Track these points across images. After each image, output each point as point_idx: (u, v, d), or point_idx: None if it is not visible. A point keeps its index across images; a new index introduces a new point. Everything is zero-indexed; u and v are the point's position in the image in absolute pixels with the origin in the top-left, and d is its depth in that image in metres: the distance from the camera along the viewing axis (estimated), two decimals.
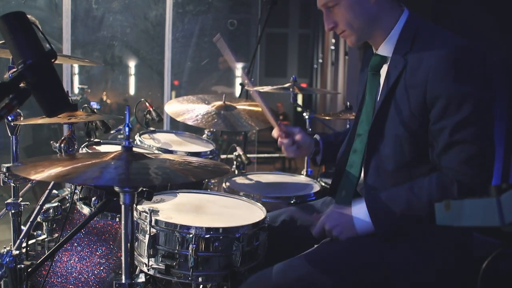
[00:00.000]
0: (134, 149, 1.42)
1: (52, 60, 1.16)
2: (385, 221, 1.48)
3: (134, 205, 1.68)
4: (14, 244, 1.79)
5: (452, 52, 1.39)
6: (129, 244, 1.33)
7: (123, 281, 1.33)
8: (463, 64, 1.39)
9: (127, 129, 1.37)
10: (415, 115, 1.46)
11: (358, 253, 1.51)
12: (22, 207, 1.90)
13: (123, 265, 1.34)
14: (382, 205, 1.48)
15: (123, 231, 1.33)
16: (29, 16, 1.16)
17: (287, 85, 2.87)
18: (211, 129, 2.65)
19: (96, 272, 1.90)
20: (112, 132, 2.34)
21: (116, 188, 1.30)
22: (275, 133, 1.92)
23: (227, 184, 2.31)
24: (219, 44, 1.86)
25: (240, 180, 2.45)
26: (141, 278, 1.37)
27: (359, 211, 1.52)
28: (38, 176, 1.19)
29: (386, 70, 1.56)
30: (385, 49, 1.58)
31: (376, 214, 1.49)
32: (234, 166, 2.63)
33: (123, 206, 1.31)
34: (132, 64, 5.38)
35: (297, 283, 1.43)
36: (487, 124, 1.41)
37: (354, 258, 1.50)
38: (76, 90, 4.39)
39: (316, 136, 1.99)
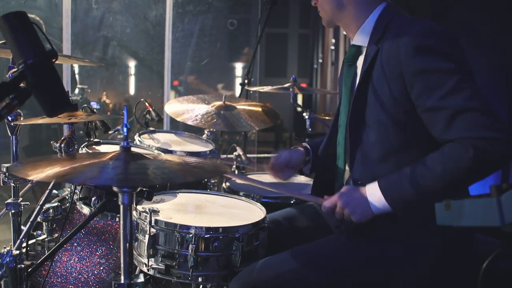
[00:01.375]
0: (134, 149, 1.42)
1: (53, 60, 1.16)
2: (399, 198, 1.41)
3: (134, 205, 1.68)
4: (14, 244, 1.79)
5: (421, 33, 1.40)
6: (128, 244, 1.33)
7: (122, 281, 1.33)
8: (431, 44, 1.39)
9: (125, 129, 1.37)
10: (396, 99, 1.44)
11: (340, 250, 1.52)
12: (22, 207, 1.90)
13: (122, 265, 1.33)
14: (395, 182, 1.42)
15: (122, 231, 1.32)
16: (33, 16, 1.17)
17: (287, 85, 2.88)
18: (211, 129, 2.65)
19: (96, 272, 1.90)
20: (110, 132, 2.34)
21: (115, 188, 1.30)
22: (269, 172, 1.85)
23: (227, 184, 2.31)
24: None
25: (240, 180, 2.45)
26: (140, 278, 1.37)
27: (372, 190, 1.46)
28: (36, 176, 1.19)
29: (361, 61, 1.56)
30: (359, 39, 1.58)
31: (390, 191, 1.42)
32: (234, 166, 2.63)
33: (121, 206, 1.31)
34: (132, 64, 5.38)
35: (282, 277, 1.46)
36: (476, 88, 1.35)
37: (336, 255, 1.51)
38: (76, 90, 4.38)
39: (306, 145, 1.89)
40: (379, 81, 1.47)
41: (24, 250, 1.85)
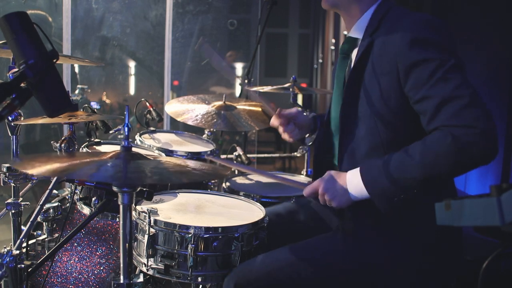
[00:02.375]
0: (134, 149, 1.42)
1: (54, 60, 1.16)
2: (378, 183, 1.39)
3: (133, 205, 1.69)
4: (14, 244, 1.79)
5: (416, 26, 1.41)
6: (127, 244, 1.33)
7: (121, 281, 1.34)
8: (425, 36, 1.39)
9: (126, 129, 1.37)
10: (387, 92, 1.44)
11: (336, 248, 1.53)
12: (22, 207, 1.90)
13: (121, 265, 1.34)
14: (375, 168, 1.41)
15: (121, 231, 1.33)
16: (43, 14, 1.17)
17: (287, 85, 2.88)
18: (211, 129, 2.65)
19: (96, 272, 1.90)
20: (111, 132, 2.34)
21: (115, 188, 1.31)
22: (274, 121, 1.84)
23: (227, 184, 2.32)
24: (205, 49, 1.67)
25: (240, 180, 2.45)
26: (140, 278, 1.37)
27: (353, 176, 1.45)
28: (35, 171, 1.19)
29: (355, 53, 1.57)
30: (356, 31, 1.58)
31: (369, 177, 1.41)
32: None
33: (121, 206, 1.31)
34: (132, 64, 5.38)
35: (277, 273, 1.47)
36: (465, 80, 1.34)
37: (332, 253, 1.52)
38: (76, 90, 4.39)
39: (315, 115, 1.92)
40: (370, 74, 1.48)
41: (24, 250, 1.85)
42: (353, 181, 1.45)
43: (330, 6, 1.62)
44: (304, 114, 1.88)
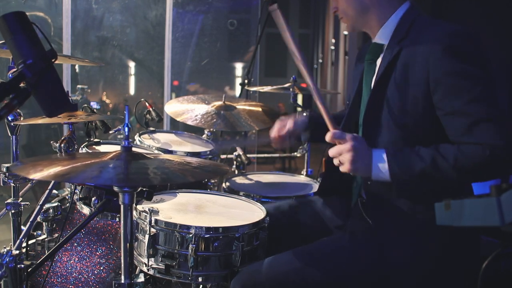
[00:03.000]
0: (134, 149, 1.42)
1: (53, 60, 1.16)
2: (401, 167, 1.40)
3: (134, 205, 1.68)
4: (14, 244, 1.79)
5: (449, 34, 1.40)
6: (128, 244, 1.33)
7: (123, 281, 1.34)
8: (459, 46, 1.39)
9: (126, 129, 1.37)
10: (417, 103, 1.44)
11: (343, 250, 1.53)
12: (22, 207, 1.90)
13: (122, 265, 1.34)
14: (404, 157, 1.41)
15: (122, 231, 1.33)
16: (41, 14, 1.17)
17: (287, 85, 2.87)
18: (211, 129, 2.65)
19: (96, 272, 1.90)
20: (111, 132, 2.34)
21: (115, 188, 1.30)
22: (274, 134, 1.87)
23: (227, 184, 2.32)
24: (274, 16, 1.62)
25: (240, 180, 2.45)
26: (141, 278, 1.37)
27: (379, 158, 1.42)
28: (37, 175, 1.19)
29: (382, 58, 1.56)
30: (381, 37, 1.58)
31: (394, 159, 1.40)
32: (234, 166, 2.63)
33: (122, 206, 1.31)
34: (132, 64, 5.38)
35: (283, 278, 1.47)
36: (495, 98, 1.40)
37: (339, 256, 1.51)
38: (76, 90, 4.39)
39: (307, 114, 1.93)
40: (397, 83, 1.47)
41: (24, 250, 1.85)
42: (378, 164, 1.42)
43: (351, 30, 1.67)
44: (298, 120, 1.88)
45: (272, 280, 1.47)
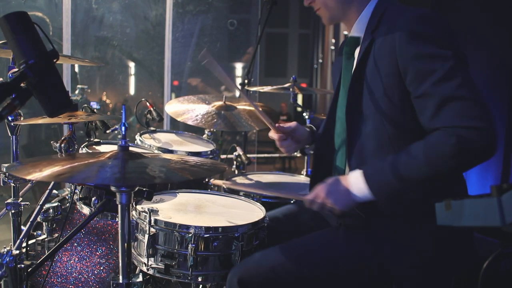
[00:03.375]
0: (134, 148, 1.42)
1: (54, 60, 1.16)
2: (381, 187, 1.41)
3: (134, 205, 1.69)
4: (14, 244, 1.79)
5: (414, 19, 1.41)
6: (126, 244, 1.33)
7: (121, 281, 1.34)
8: (423, 29, 1.39)
9: (123, 128, 1.37)
10: (390, 88, 1.45)
11: (335, 244, 1.53)
12: (22, 207, 1.90)
13: (120, 265, 1.34)
14: (378, 171, 1.42)
15: (120, 231, 1.33)
16: (40, 15, 1.17)
17: (287, 85, 2.88)
18: (212, 129, 2.65)
19: (96, 272, 1.90)
20: (108, 131, 2.34)
21: (113, 188, 1.30)
22: (273, 135, 1.87)
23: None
24: (208, 64, 1.60)
25: (240, 180, 2.45)
26: (139, 278, 1.37)
27: (356, 178, 1.46)
28: (33, 176, 1.19)
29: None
30: (356, 30, 1.59)
31: (372, 180, 1.42)
32: (234, 166, 2.63)
33: (119, 206, 1.31)
34: (132, 64, 5.38)
35: (279, 269, 1.48)
36: (468, 78, 1.35)
37: (332, 249, 1.52)
38: (76, 90, 4.39)
39: (311, 126, 1.95)
40: (373, 71, 1.49)
41: (24, 250, 1.85)
42: (356, 183, 1.45)
43: (329, 22, 1.66)
44: (302, 127, 1.88)
45: (268, 271, 1.48)
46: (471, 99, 1.32)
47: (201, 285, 1.73)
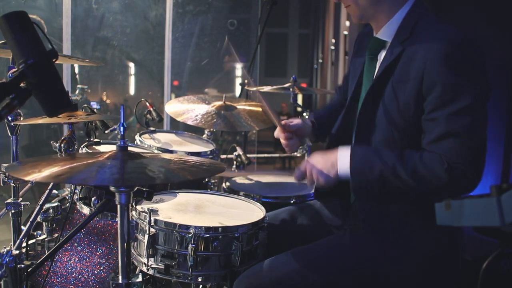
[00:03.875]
0: (134, 148, 1.41)
1: (53, 60, 1.16)
2: (362, 179, 1.44)
3: (133, 205, 1.68)
4: (14, 244, 1.79)
5: (449, 43, 1.39)
6: (126, 244, 1.33)
7: (120, 281, 1.34)
8: (459, 56, 1.38)
9: (121, 128, 1.36)
10: (410, 104, 1.44)
11: (343, 250, 1.53)
12: (22, 207, 1.90)
13: (119, 265, 1.34)
14: (367, 158, 1.44)
15: (119, 231, 1.33)
16: (34, 17, 1.17)
17: (287, 85, 2.87)
18: (211, 129, 2.65)
19: (96, 272, 1.90)
20: (107, 131, 2.34)
21: (112, 188, 1.30)
22: (279, 134, 1.87)
23: (227, 184, 2.32)
24: (229, 51, 1.77)
25: (240, 180, 2.45)
26: (138, 278, 1.37)
27: (344, 156, 1.48)
28: (33, 176, 1.19)
29: (383, 55, 1.55)
30: (385, 33, 1.56)
31: (357, 164, 1.44)
32: (234, 166, 2.63)
33: (119, 206, 1.31)
34: (132, 64, 5.38)
35: (286, 279, 1.47)
36: (481, 119, 1.38)
37: (339, 256, 1.52)
38: (76, 90, 4.39)
39: (311, 118, 1.97)
40: (395, 82, 1.47)
41: (24, 250, 1.85)
42: (343, 160, 1.47)
43: (358, 20, 1.61)
44: (305, 123, 1.90)
45: (274, 282, 1.47)
46: (474, 144, 1.37)
47: (201, 285, 1.73)
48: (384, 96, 1.49)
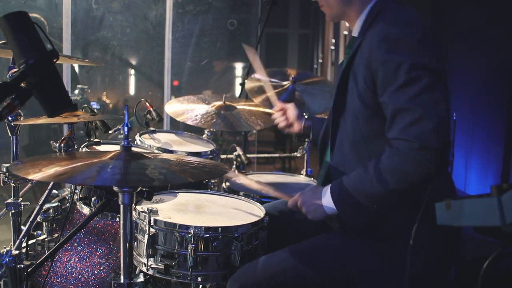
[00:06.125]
0: (134, 149, 1.42)
1: (54, 60, 1.16)
2: (344, 200, 1.47)
3: (133, 205, 1.68)
4: (14, 244, 1.79)
5: (387, 24, 1.40)
6: (128, 244, 1.33)
7: (122, 281, 1.34)
8: (395, 33, 1.38)
9: (126, 128, 1.37)
10: (367, 88, 1.46)
11: (339, 248, 1.54)
12: (22, 207, 1.90)
13: (121, 265, 1.34)
14: (341, 184, 1.47)
15: (122, 231, 1.33)
16: (37, 16, 1.17)
17: (286, 83, 2.87)
18: (211, 129, 2.65)
19: (96, 272, 1.90)
20: (110, 132, 2.34)
21: (115, 188, 1.30)
22: (274, 110, 2.00)
23: (227, 184, 2.32)
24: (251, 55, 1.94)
25: (240, 180, 2.45)
26: (140, 278, 1.37)
27: (327, 191, 1.52)
28: (35, 176, 1.19)
29: None
30: (356, 30, 1.60)
31: (336, 194, 1.48)
32: (234, 166, 2.63)
33: (122, 206, 1.31)
34: (132, 64, 5.38)
35: (280, 276, 1.48)
36: (430, 89, 1.33)
37: (335, 254, 1.53)
38: (76, 90, 4.39)
39: (306, 115, 2.03)
40: (357, 70, 1.50)
41: (24, 250, 1.85)
42: (326, 196, 1.51)
43: (332, 20, 1.66)
44: (297, 110, 2.00)
45: (269, 279, 1.48)
46: (421, 113, 1.30)
47: (201, 285, 1.73)
48: (349, 86, 1.53)
